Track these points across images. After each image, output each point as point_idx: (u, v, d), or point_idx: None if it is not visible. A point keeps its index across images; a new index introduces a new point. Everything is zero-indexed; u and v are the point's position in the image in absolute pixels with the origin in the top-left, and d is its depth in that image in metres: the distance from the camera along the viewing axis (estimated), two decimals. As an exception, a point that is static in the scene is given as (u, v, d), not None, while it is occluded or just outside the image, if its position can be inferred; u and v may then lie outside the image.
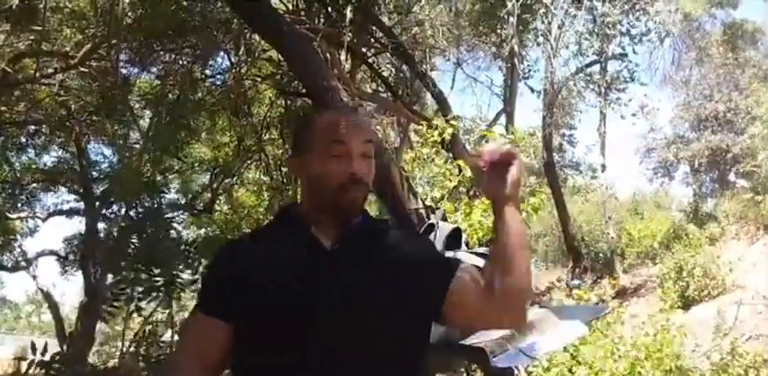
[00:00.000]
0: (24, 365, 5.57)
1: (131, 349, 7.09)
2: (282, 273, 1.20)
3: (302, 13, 7.36)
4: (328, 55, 7.03)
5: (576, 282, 10.37)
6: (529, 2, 8.47)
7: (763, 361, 5.13)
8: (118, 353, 9.36)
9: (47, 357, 5.34)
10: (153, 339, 6.83)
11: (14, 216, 13.16)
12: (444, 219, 3.72)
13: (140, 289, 6.04)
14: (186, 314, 8.45)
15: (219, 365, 1.27)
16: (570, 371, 4.93)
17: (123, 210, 9.34)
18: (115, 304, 6.84)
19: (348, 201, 1.23)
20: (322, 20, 7.15)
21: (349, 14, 6.65)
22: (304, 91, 7.36)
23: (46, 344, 5.61)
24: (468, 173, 4.75)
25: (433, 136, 4.71)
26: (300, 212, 1.31)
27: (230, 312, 1.22)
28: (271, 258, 1.23)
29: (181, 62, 8.63)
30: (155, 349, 6.60)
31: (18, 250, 14.26)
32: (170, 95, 9.06)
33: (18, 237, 14.04)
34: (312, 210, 1.29)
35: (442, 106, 8.52)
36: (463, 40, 10.96)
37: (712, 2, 14.05)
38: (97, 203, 11.74)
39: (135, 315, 6.98)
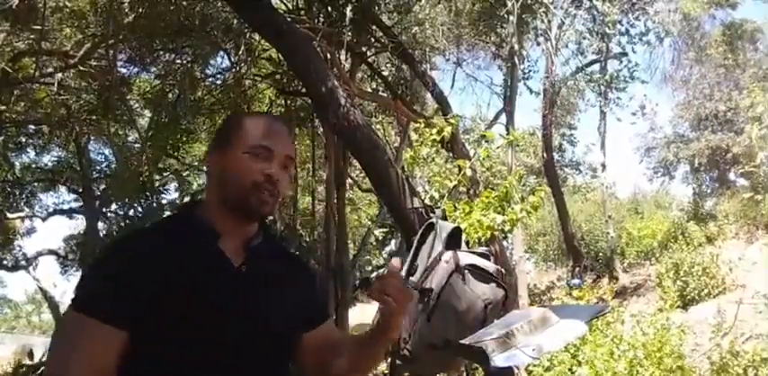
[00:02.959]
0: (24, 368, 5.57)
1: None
2: (192, 285, 1.17)
3: (302, 12, 7.37)
4: (328, 54, 7.03)
5: (575, 281, 10.36)
6: (529, 1, 8.46)
7: (762, 360, 5.12)
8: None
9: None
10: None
11: (14, 216, 13.17)
12: (444, 218, 3.72)
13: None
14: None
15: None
16: (571, 370, 4.94)
17: (123, 210, 9.35)
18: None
19: (258, 202, 1.25)
20: (322, 19, 7.15)
21: (349, 14, 6.65)
22: (304, 90, 7.37)
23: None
24: (468, 172, 4.75)
25: (431, 134, 4.68)
26: (206, 216, 1.27)
27: (130, 319, 1.13)
28: (179, 267, 1.18)
29: (181, 62, 8.63)
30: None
31: (18, 249, 14.29)
32: (170, 95, 9.06)
33: (18, 236, 14.06)
34: (219, 209, 1.27)
35: (442, 105, 8.52)
36: (463, 39, 10.96)
37: (712, 2, 14.03)
38: (97, 203, 11.75)
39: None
